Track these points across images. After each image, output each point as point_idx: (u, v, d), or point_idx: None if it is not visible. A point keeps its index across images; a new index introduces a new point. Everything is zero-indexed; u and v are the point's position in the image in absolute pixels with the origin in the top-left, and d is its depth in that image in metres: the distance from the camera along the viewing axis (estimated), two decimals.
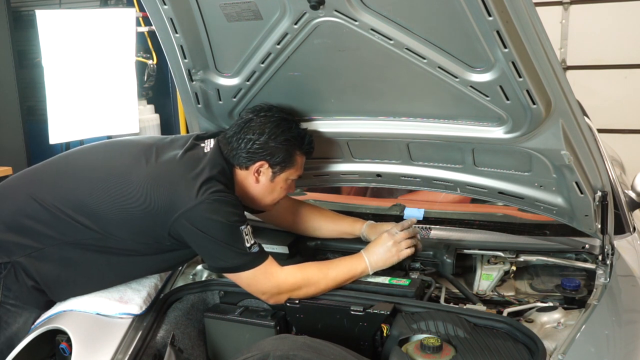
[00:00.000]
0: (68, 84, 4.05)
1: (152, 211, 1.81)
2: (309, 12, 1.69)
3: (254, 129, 1.95)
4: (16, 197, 1.92)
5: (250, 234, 1.84)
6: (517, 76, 1.59)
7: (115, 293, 1.96)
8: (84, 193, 1.86)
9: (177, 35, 1.91)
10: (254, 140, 1.94)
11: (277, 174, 1.99)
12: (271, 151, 1.95)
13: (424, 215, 2.54)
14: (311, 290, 1.88)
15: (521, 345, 1.63)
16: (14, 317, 1.90)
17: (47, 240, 1.86)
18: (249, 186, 1.99)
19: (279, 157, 1.96)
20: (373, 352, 1.78)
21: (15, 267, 1.86)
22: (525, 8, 1.45)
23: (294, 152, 1.99)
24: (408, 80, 1.82)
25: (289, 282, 1.87)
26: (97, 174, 1.91)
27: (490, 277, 2.11)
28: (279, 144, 1.95)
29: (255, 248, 1.84)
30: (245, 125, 1.96)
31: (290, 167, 2.00)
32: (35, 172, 2.01)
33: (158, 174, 1.86)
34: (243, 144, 1.94)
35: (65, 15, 4.05)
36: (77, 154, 2.07)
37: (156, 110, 5.20)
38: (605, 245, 1.98)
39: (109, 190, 1.85)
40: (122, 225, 1.85)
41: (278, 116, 1.98)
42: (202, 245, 1.84)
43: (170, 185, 1.82)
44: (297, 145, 1.99)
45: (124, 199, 1.83)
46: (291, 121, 2.00)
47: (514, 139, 1.83)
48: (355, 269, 1.96)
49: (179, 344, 1.90)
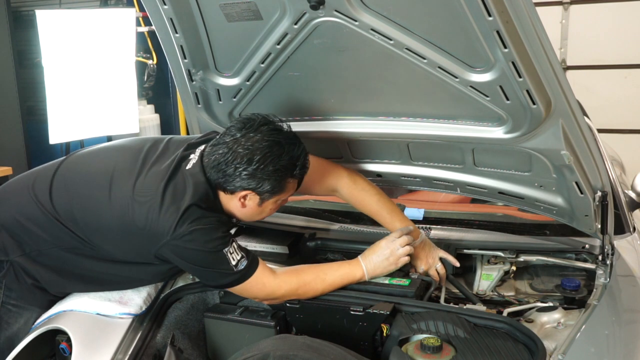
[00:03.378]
0: (68, 84, 4.05)
1: (132, 232, 1.78)
2: (309, 12, 1.69)
3: (241, 155, 1.77)
4: (19, 197, 1.92)
5: (236, 250, 1.79)
6: (517, 76, 1.59)
7: (115, 293, 1.97)
8: (74, 204, 1.84)
9: (177, 35, 1.91)
10: (240, 170, 1.77)
11: (266, 200, 1.86)
12: (258, 182, 1.79)
13: (424, 215, 2.54)
14: (307, 295, 1.88)
15: (521, 345, 1.63)
16: (14, 317, 1.90)
17: (43, 243, 1.86)
18: (234, 208, 1.88)
19: (268, 187, 1.81)
20: (373, 352, 1.78)
21: (14, 266, 1.87)
22: (525, 8, 1.45)
23: (285, 180, 1.83)
24: (408, 80, 1.82)
25: (283, 289, 1.86)
26: (88, 189, 1.86)
27: (490, 277, 2.11)
28: (267, 176, 1.79)
29: (242, 264, 1.79)
30: (232, 149, 1.79)
31: (279, 192, 1.86)
32: (38, 174, 1.99)
33: (137, 198, 1.78)
34: (230, 171, 1.78)
35: (65, 15, 4.05)
36: (79, 160, 2.01)
37: (156, 110, 5.20)
38: (605, 245, 1.98)
39: (96, 209, 1.82)
40: (108, 241, 1.84)
41: (268, 141, 1.79)
42: (190, 269, 1.88)
43: (149, 213, 1.75)
44: (287, 173, 1.83)
45: (107, 219, 1.80)
46: (283, 145, 1.80)
47: (514, 139, 1.83)
48: (353, 275, 1.93)
49: (179, 344, 1.90)
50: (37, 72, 4.26)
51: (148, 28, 4.52)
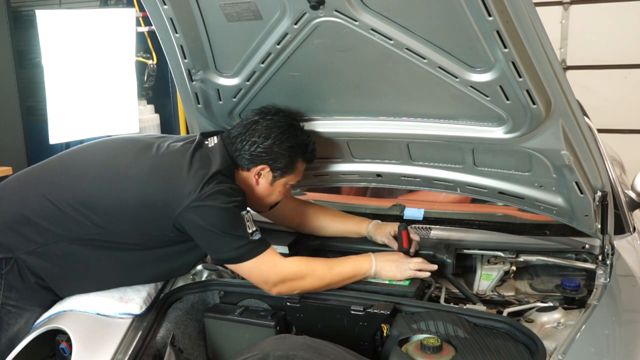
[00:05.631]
0: (68, 84, 4.05)
1: (152, 203, 1.82)
2: (309, 12, 1.69)
3: (259, 131, 1.96)
4: (23, 193, 1.93)
5: (251, 221, 1.85)
6: (517, 76, 1.60)
7: (116, 293, 1.96)
8: (89, 189, 1.88)
9: (177, 35, 1.91)
10: (258, 144, 1.95)
11: (277, 179, 2.01)
12: (274, 156, 1.96)
13: (424, 215, 2.54)
14: (315, 281, 1.88)
15: (521, 345, 1.63)
16: (15, 318, 1.90)
17: (50, 237, 1.86)
18: (248, 187, 1.99)
19: (282, 163, 1.98)
20: (373, 352, 1.78)
21: (18, 263, 1.86)
22: (525, 8, 1.46)
23: (297, 159, 2.01)
24: (408, 80, 1.82)
25: (293, 271, 1.87)
26: (101, 170, 1.92)
27: (490, 277, 2.11)
28: (283, 150, 1.97)
29: (257, 235, 1.85)
30: (251, 127, 1.97)
31: (290, 173, 2.02)
32: (42, 169, 2.01)
33: (160, 166, 1.88)
34: (247, 146, 1.96)
35: (65, 15, 4.05)
36: (82, 151, 2.08)
37: (156, 110, 5.20)
38: (605, 245, 1.98)
39: (111, 186, 1.86)
40: (125, 219, 1.86)
41: (284, 122, 1.99)
42: (205, 237, 1.84)
43: (172, 179, 1.83)
44: (300, 153, 2.01)
45: (124, 192, 1.85)
46: (297, 127, 2.01)
47: (514, 139, 1.83)
48: (360, 267, 1.96)
49: (179, 344, 1.90)
50: (37, 72, 4.26)
51: (148, 28, 4.52)
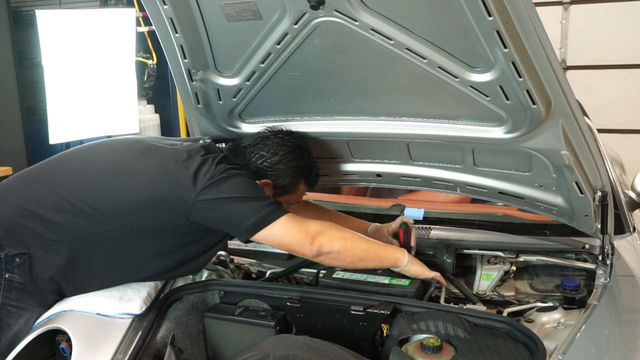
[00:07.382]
0: (68, 84, 4.06)
1: (165, 196, 1.83)
2: (309, 12, 1.69)
3: (269, 147, 2.01)
4: (34, 190, 1.91)
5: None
6: (517, 76, 1.60)
7: (116, 293, 1.96)
8: (98, 187, 1.88)
9: (177, 35, 1.91)
10: (266, 158, 1.99)
11: (278, 196, 2.02)
12: (279, 173, 2.00)
13: (424, 215, 2.54)
14: (347, 248, 1.87)
15: (521, 345, 1.63)
16: (14, 318, 1.90)
17: (65, 233, 1.85)
18: None
19: (285, 181, 2.02)
20: (373, 352, 1.78)
21: (32, 259, 1.85)
22: (525, 8, 1.46)
23: (300, 180, 2.05)
24: (408, 80, 1.82)
25: (325, 224, 1.89)
26: (109, 168, 1.92)
27: (490, 277, 2.12)
28: (288, 169, 2.01)
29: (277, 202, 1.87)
30: (261, 142, 2.02)
31: (292, 192, 2.06)
32: (45, 168, 2.00)
33: (171, 160, 1.88)
34: (254, 158, 2.00)
35: (65, 15, 4.05)
36: (84, 151, 2.06)
37: (156, 110, 5.20)
38: (605, 245, 1.98)
39: (120, 182, 1.87)
40: (137, 215, 1.85)
41: (294, 142, 2.04)
42: (226, 210, 1.82)
43: (184, 168, 1.84)
44: (304, 175, 2.05)
45: (134, 188, 1.85)
46: (305, 150, 2.06)
47: (514, 139, 1.83)
48: (393, 253, 1.96)
49: (179, 344, 1.90)
50: (37, 72, 4.26)
51: (148, 28, 4.52)
